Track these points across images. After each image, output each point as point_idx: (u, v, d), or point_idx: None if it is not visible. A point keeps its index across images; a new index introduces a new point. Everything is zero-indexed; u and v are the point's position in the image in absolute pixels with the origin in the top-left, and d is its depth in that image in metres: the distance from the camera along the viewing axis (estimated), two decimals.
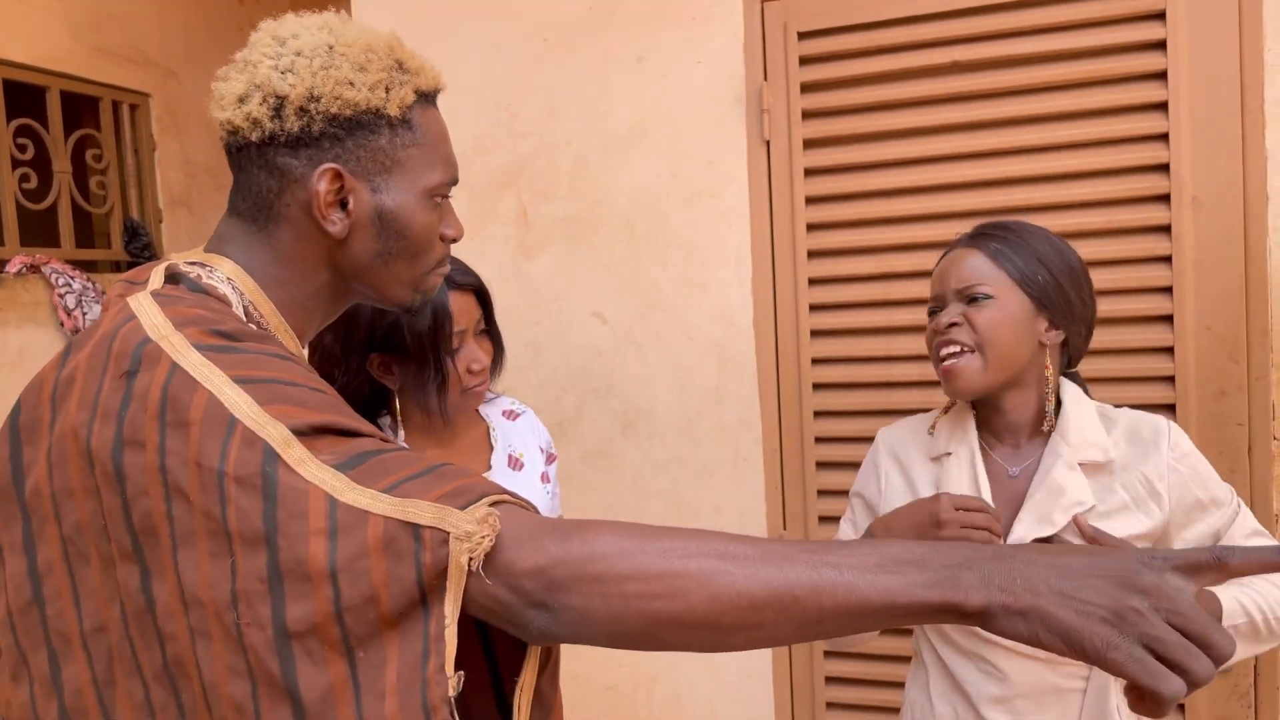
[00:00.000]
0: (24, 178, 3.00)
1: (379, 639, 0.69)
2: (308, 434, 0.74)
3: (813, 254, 2.00)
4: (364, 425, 0.79)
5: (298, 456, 0.72)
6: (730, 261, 2.05)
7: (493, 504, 0.72)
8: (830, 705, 2.02)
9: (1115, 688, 1.27)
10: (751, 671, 2.07)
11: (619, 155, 2.11)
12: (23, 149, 3.00)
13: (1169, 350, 1.77)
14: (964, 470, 1.32)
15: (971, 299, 1.27)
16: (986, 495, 1.29)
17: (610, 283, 2.14)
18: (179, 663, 0.74)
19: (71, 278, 3.02)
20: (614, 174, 2.12)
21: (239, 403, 0.73)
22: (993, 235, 1.31)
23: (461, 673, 0.70)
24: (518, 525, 0.71)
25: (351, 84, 0.86)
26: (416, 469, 0.74)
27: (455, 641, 0.69)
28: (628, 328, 2.13)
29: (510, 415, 1.62)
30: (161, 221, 3.49)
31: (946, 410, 1.40)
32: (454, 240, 0.97)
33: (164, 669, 0.76)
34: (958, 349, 1.27)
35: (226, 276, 0.88)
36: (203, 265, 0.89)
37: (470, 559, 0.68)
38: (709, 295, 2.07)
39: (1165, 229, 1.77)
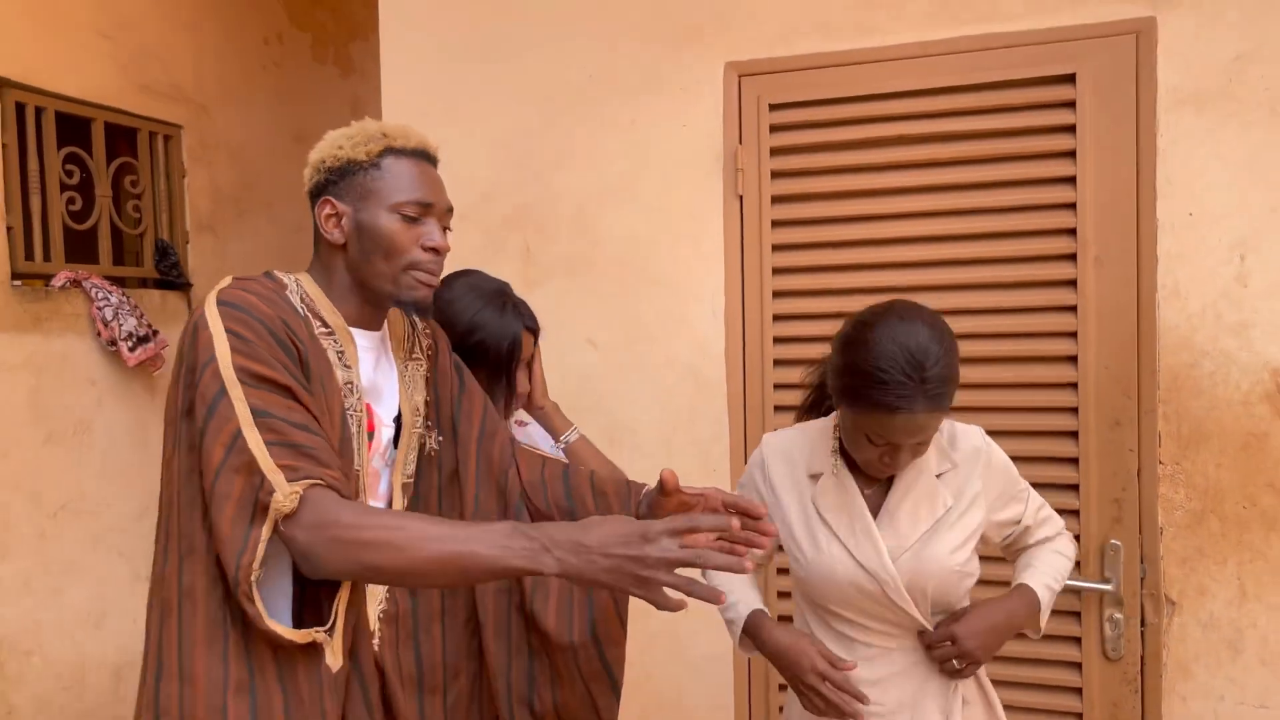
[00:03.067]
0: (70, 200, 3.29)
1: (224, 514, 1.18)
2: (250, 382, 1.20)
3: (777, 293, 2.29)
4: (280, 374, 1.22)
5: (238, 395, 1.18)
6: (706, 298, 2.33)
7: (311, 485, 1.15)
8: (784, 686, 2.30)
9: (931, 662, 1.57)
10: (715, 655, 2.34)
11: (613, 204, 2.40)
12: (70, 175, 3.29)
13: (1073, 385, 2.08)
14: (842, 494, 1.56)
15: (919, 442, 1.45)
16: (863, 514, 1.54)
17: (602, 314, 2.42)
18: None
19: (109, 292, 3.29)
20: (608, 220, 2.41)
21: (224, 352, 1.19)
22: (942, 391, 1.39)
23: (262, 571, 1.15)
24: (312, 502, 1.15)
25: (340, 147, 1.33)
26: (286, 439, 1.17)
27: (264, 549, 1.15)
28: (616, 353, 2.41)
29: (519, 424, 1.95)
30: (188, 243, 3.76)
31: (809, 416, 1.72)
32: (434, 250, 1.35)
33: (196, 499, 1.23)
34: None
35: (295, 277, 1.34)
36: (285, 272, 1.37)
37: (277, 513, 1.14)
38: (687, 327, 2.35)
39: (1072, 283, 2.07)
